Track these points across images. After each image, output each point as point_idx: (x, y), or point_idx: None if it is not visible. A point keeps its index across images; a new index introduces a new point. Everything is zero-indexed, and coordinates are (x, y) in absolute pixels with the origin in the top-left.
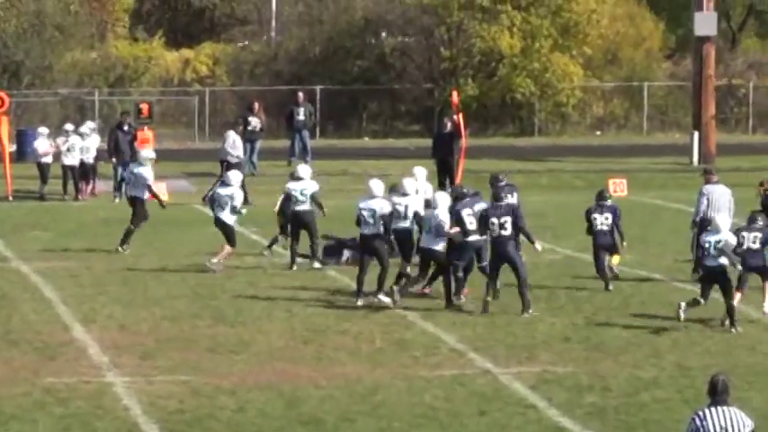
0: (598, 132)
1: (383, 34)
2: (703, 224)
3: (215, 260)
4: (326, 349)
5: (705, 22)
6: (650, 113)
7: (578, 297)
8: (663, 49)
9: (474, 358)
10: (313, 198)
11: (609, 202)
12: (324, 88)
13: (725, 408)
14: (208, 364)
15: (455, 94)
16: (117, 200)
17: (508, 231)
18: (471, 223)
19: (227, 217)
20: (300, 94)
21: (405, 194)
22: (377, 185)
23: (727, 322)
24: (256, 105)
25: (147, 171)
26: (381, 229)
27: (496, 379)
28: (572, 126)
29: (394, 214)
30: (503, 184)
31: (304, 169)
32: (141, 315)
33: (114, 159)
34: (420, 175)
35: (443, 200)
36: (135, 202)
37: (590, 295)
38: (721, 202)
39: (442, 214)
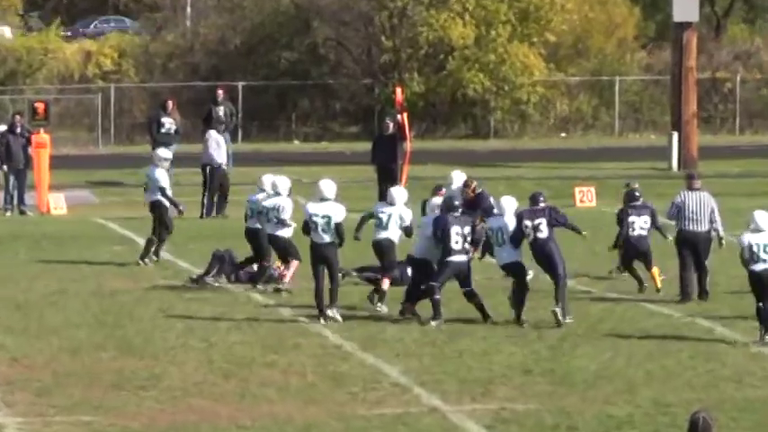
0: (563, 134)
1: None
2: (679, 237)
3: (286, 281)
4: (251, 384)
5: (685, 7)
6: (622, 112)
7: (541, 323)
8: (638, 37)
9: (420, 394)
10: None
11: (642, 201)
12: (246, 84)
13: None
14: (113, 402)
15: (398, 90)
16: (8, 213)
17: (544, 234)
18: (457, 242)
19: (280, 231)
20: (220, 92)
21: (391, 204)
22: (328, 187)
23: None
24: (170, 104)
25: (161, 173)
26: (336, 237)
27: (446, 418)
28: (533, 127)
29: (375, 223)
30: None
31: (266, 180)
32: (36, 346)
33: (5, 167)
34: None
35: (510, 204)
36: (155, 209)
37: (554, 321)
38: (699, 211)
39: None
